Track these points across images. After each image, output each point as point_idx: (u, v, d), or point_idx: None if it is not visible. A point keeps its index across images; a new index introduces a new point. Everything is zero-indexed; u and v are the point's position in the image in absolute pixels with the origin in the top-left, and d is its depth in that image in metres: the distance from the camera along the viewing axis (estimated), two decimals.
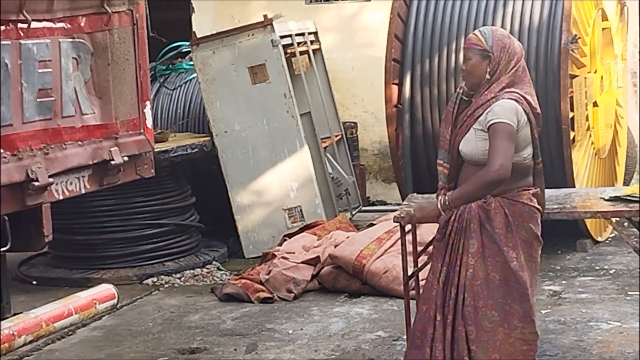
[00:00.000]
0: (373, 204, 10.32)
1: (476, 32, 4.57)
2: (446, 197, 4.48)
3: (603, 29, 8.50)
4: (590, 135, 8.16)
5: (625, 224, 7.88)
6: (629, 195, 5.14)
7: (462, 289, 4.42)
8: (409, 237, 5.34)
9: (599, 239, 8.27)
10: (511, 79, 4.45)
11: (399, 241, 5.64)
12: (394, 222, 5.06)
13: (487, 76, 4.45)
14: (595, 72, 8.27)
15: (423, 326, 4.51)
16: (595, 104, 8.26)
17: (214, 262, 8.20)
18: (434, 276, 4.52)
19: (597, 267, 7.52)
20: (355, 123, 10.15)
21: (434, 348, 4.45)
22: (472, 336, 4.41)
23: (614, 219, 5.56)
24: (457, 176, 4.58)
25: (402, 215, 4.74)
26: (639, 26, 9.79)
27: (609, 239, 8.41)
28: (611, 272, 7.37)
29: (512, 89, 4.44)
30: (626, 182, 9.41)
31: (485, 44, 4.47)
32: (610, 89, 8.73)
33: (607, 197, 5.22)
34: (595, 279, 7.21)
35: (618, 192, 5.24)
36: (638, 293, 6.74)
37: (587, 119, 8.03)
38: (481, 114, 4.43)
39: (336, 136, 9.39)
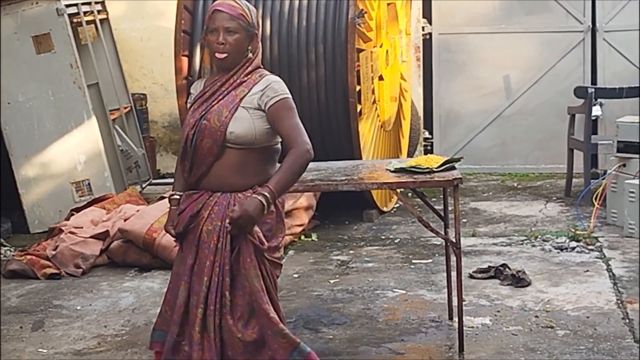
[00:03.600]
0: (163, 177, 10.24)
1: (233, 1, 4.03)
2: (267, 189, 3.90)
3: (388, 4, 8.69)
4: (376, 109, 8.36)
5: (410, 194, 8.14)
6: (412, 167, 5.28)
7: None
8: None
9: (385, 209, 8.51)
10: (259, 60, 4.12)
11: None
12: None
13: (250, 54, 4.05)
14: (381, 46, 8.47)
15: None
16: (381, 78, 8.46)
17: None
18: None
19: (383, 237, 7.73)
20: (144, 95, 10.02)
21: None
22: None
23: (398, 190, 5.73)
24: (205, 165, 4.03)
25: (234, 224, 3.89)
26: (422, 1, 10.08)
27: (394, 209, 8.67)
28: (396, 241, 7.59)
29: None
30: (410, 154, 9.70)
31: (250, 18, 4.04)
32: (395, 63, 8.96)
33: (392, 169, 5.35)
34: (381, 248, 7.42)
35: (403, 164, 5.37)
36: (421, 261, 6.99)
37: (373, 93, 8.22)
38: (247, 93, 4.02)
39: (125, 108, 9.26)
